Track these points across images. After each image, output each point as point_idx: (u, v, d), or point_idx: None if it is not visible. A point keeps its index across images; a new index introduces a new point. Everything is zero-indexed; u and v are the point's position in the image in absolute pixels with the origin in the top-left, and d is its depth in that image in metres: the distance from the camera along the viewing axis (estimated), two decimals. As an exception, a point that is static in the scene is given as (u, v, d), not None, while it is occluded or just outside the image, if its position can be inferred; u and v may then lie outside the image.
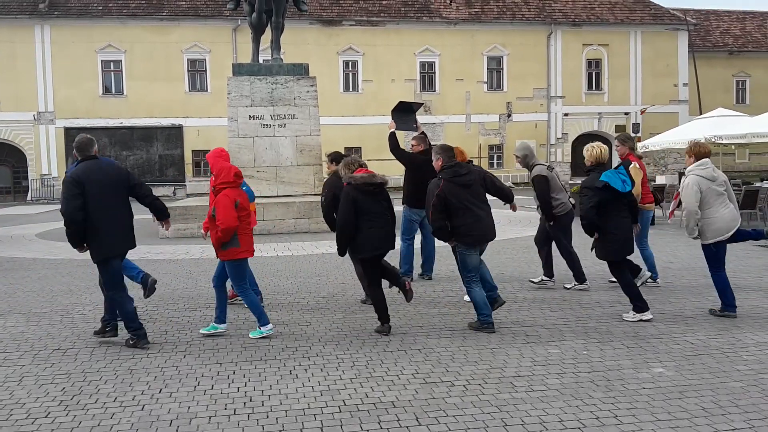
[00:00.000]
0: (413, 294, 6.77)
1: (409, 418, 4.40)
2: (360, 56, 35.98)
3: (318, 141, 17.37)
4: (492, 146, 37.58)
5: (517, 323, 6.84)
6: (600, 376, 5.19)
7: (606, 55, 38.08)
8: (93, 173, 6.04)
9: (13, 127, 33.45)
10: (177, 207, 15.77)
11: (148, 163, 34.66)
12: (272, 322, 6.78)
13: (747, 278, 9.04)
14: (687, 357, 5.65)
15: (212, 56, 34.50)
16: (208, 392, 4.97)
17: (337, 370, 5.42)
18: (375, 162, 38.04)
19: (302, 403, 4.71)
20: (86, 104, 33.62)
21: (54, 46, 33.22)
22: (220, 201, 6.27)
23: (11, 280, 9.93)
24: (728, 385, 4.98)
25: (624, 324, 6.73)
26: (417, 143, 8.95)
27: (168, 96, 34.07)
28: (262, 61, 18.49)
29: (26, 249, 13.60)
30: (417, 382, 5.10)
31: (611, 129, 38.19)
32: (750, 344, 6.01)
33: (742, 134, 16.37)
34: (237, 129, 16.93)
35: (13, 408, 4.72)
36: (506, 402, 4.67)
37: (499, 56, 37.42)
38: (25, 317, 7.50)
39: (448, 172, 6.49)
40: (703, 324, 6.73)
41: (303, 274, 9.98)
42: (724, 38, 41.76)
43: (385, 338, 6.33)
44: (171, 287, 9.19)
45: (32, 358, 5.93)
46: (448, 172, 6.50)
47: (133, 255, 12.03)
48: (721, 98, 36.03)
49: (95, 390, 5.06)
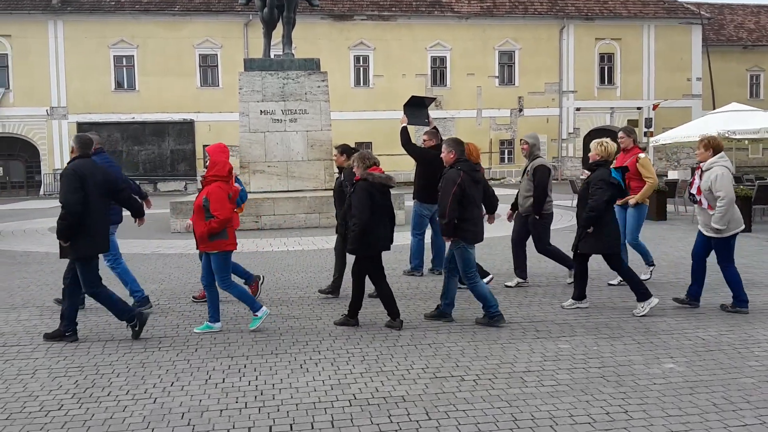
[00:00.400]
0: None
1: (419, 413, 4.42)
2: (371, 51, 35.95)
3: (329, 136, 17.39)
4: (503, 141, 37.47)
5: (527, 319, 6.84)
6: (610, 372, 5.18)
7: (619, 49, 37.82)
8: (90, 171, 6.23)
9: (27, 122, 33.73)
10: (188, 202, 15.83)
11: (160, 158, 34.83)
12: (283, 317, 6.81)
13: (759, 274, 8.99)
14: (698, 353, 5.63)
15: (224, 51, 34.59)
16: (220, 386, 5.00)
17: (347, 365, 5.44)
18: (386, 157, 37.95)
19: (313, 397, 4.73)
20: (99, 99, 33.83)
21: (67, 42, 33.44)
22: (214, 192, 6.32)
23: (25, 274, 10.02)
24: (739, 381, 4.95)
25: (634, 320, 6.71)
26: (429, 138, 8.94)
27: (180, 91, 34.20)
28: (274, 56, 18.54)
29: (39, 243, 13.72)
30: (427, 377, 5.11)
31: (623, 124, 37.94)
32: (762, 340, 5.98)
33: (756, 129, 16.27)
34: (248, 124, 16.98)
35: (27, 400, 4.77)
36: (516, 397, 4.67)
37: (511, 51, 37.27)
38: (39, 311, 7.57)
39: (466, 165, 6.54)
40: (715, 320, 6.70)
41: (313, 268, 10.01)
42: (738, 32, 41.40)
43: (395, 333, 6.34)
44: (183, 281, 9.24)
45: (45, 351, 5.99)
46: (465, 165, 6.56)
47: (145, 249, 12.15)
48: (735, 93, 35.82)
49: (108, 383, 5.10)
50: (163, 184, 34.12)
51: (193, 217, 6.55)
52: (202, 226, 6.40)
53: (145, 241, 13.20)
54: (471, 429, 4.14)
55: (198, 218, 6.42)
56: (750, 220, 13.79)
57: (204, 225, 6.38)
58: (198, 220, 6.43)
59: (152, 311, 7.25)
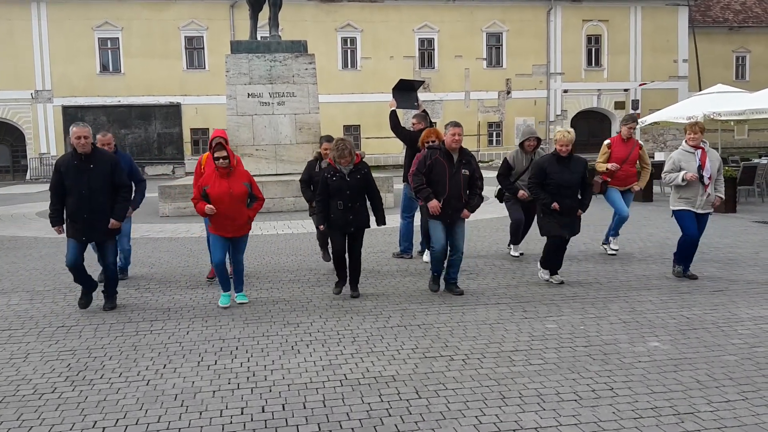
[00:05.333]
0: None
1: (409, 392, 4.49)
2: (358, 33, 35.76)
3: (317, 119, 17.35)
4: (491, 123, 37.49)
5: (515, 299, 6.92)
6: (597, 350, 5.27)
7: (606, 30, 37.83)
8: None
9: (11, 106, 33.36)
10: (176, 186, 15.81)
11: (147, 142, 34.61)
12: (273, 299, 6.92)
13: (743, 254, 9.12)
14: (682, 331, 5.74)
15: (210, 33, 34.27)
16: (212, 367, 5.05)
17: (338, 345, 5.50)
18: (374, 140, 37.72)
19: (304, 378, 4.79)
20: (84, 82, 33.50)
21: (51, 24, 33.01)
22: (249, 175, 6.84)
23: (13, 259, 10.00)
24: (723, 358, 5.06)
25: (621, 299, 6.81)
26: (418, 121, 8.97)
27: (166, 74, 33.92)
28: (260, 38, 18.40)
29: (27, 228, 13.66)
30: (417, 357, 5.19)
31: (611, 106, 38.13)
32: (745, 318, 6.10)
33: (741, 110, 16.35)
34: (236, 107, 16.91)
35: (20, 384, 4.81)
36: (504, 375, 4.76)
37: (499, 32, 37.18)
38: (29, 295, 7.57)
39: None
40: (699, 299, 6.81)
41: (303, 251, 10.05)
42: (725, 13, 41.46)
43: (385, 314, 6.41)
44: (172, 265, 9.26)
45: (37, 335, 6.01)
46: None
47: (134, 233, 12.12)
48: (721, 74, 35.93)
49: (100, 366, 5.14)
50: (150, 168, 33.92)
51: (225, 205, 6.59)
52: (249, 211, 6.77)
53: (134, 225, 13.14)
54: (460, 407, 4.22)
55: (242, 205, 6.68)
56: (735, 202, 13.95)
57: (250, 210, 6.77)
58: (241, 207, 6.68)
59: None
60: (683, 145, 7.55)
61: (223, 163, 6.57)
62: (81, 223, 6.53)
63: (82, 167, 6.46)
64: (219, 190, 6.55)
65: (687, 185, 7.37)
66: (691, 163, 7.36)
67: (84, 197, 6.46)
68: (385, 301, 6.92)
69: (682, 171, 7.36)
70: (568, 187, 7.26)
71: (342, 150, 6.75)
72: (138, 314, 6.60)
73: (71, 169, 6.46)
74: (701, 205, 7.42)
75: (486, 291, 7.27)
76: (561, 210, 7.21)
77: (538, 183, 7.33)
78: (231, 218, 6.62)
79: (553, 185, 7.23)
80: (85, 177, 6.45)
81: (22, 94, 33.22)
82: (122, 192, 6.73)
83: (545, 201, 7.22)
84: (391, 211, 11.78)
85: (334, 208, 6.89)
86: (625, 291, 7.19)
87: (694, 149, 7.40)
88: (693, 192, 7.39)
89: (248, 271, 8.54)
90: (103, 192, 6.53)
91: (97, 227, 6.59)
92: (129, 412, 4.25)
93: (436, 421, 4.03)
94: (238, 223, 6.68)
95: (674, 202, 7.60)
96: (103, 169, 6.52)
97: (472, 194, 7.04)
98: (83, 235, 6.60)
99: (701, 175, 7.32)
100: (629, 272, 8.13)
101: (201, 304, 6.96)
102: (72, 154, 6.51)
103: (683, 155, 7.47)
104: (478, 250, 9.71)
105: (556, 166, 7.30)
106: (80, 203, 6.47)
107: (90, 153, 6.49)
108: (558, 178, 7.22)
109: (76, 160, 6.46)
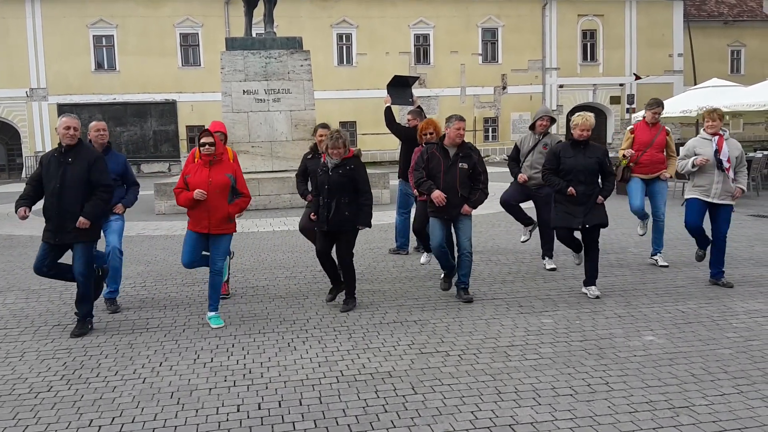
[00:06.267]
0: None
1: (405, 388, 4.50)
2: (354, 29, 35.70)
3: (313, 116, 17.32)
4: (487, 119, 37.48)
5: (511, 294, 6.94)
6: (592, 345, 5.29)
7: (601, 25, 37.84)
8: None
9: (6, 104, 33.24)
10: (172, 183, 15.77)
11: (143, 139, 34.52)
12: (269, 296, 6.90)
13: (738, 248, 9.15)
14: (678, 325, 5.76)
15: (205, 30, 34.19)
16: (208, 365, 5.05)
17: (334, 342, 5.51)
18: (370, 136, 37.63)
19: (300, 374, 4.79)
20: (79, 80, 33.38)
21: (45, 21, 32.87)
22: (237, 169, 6.23)
23: (9, 258, 9.98)
24: (718, 352, 5.08)
25: (616, 294, 6.83)
26: (413, 117, 8.96)
27: (161, 71, 33.81)
28: (255, 35, 18.38)
29: (23, 227, 13.61)
30: (413, 353, 5.20)
31: (606, 100, 38.16)
32: (740, 312, 6.12)
33: (736, 104, 16.39)
34: (231, 104, 16.88)
35: (16, 383, 4.80)
36: (500, 371, 4.77)
37: (494, 28, 37.15)
38: (25, 294, 7.56)
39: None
40: (694, 293, 6.83)
41: (299, 248, 10.04)
42: (720, 8, 41.46)
43: (381, 310, 6.42)
44: (168, 263, 9.26)
45: (33, 333, 6.00)
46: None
47: (130, 231, 12.12)
48: (716, 68, 35.93)
49: (96, 364, 5.14)
50: (146, 165, 33.85)
51: (210, 197, 6.01)
52: (230, 207, 6.12)
53: (130, 223, 13.12)
54: (456, 402, 4.23)
55: (221, 198, 6.06)
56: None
57: (231, 206, 6.12)
58: (221, 199, 6.06)
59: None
60: (701, 133, 7.27)
61: (208, 150, 6.00)
62: (51, 222, 5.97)
63: (61, 159, 5.93)
64: (198, 178, 6.02)
65: (701, 172, 7.06)
66: (706, 149, 7.05)
67: (54, 192, 5.87)
68: (381, 298, 6.93)
69: (694, 156, 7.11)
70: (581, 171, 6.73)
71: (336, 140, 6.33)
72: (134, 312, 6.60)
73: (52, 162, 5.97)
74: (717, 195, 7.06)
75: (481, 287, 7.28)
76: (575, 196, 6.73)
77: (552, 169, 6.90)
78: (207, 210, 6.01)
79: (565, 170, 6.77)
80: (60, 170, 5.90)
81: (17, 92, 33.07)
82: (99, 191, 5.98)
83: (560, 186, 6.79)
84: (387, 208, 11.79)
85: (317, 204, 6.56)
86: (621, 285, 7.21)
87: (712, 136, 7.11)
88: (708, 180, 7.06)
89: (244, 267, 8.56)
90: (77, 188, 5.87)
91: (66, 227, 5.90)
92: (125, 410, 4.25)
93: (432, 416, 4.04)
94: (216, 217, 6.02)
95: (688, 190, 7.30)
96: (80, 164, 5.91)
97: (474, 189, 6.65)
98: (54, 236, 5.95)
99: (719, 160, 6.97)
100: (624, 266, 8.15)
101: (197, 301, 6.95)
102: (56, 147, 6.07)
103: (699, 142, 7.20)
104: (474, 245, 9.70)
105: (570, 151, 6.83)
106: (51, 198, 5.93)
107: (73, 146, 5.95)
108: (572, 163, 6.74)
109: (56, 153, 5.99)
